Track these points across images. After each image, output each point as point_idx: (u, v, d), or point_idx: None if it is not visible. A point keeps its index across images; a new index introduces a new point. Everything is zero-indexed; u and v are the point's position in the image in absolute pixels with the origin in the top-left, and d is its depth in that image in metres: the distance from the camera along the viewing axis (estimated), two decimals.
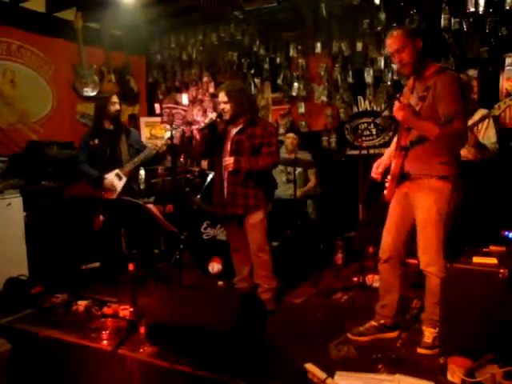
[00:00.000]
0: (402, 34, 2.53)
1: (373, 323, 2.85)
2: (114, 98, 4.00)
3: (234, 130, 3.34)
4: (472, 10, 4.16)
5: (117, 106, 4.00)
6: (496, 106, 3.41)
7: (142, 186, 4.77)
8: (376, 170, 2.90)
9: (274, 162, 3.33)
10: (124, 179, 3.96)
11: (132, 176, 4.07)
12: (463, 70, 3.99)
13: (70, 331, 2.86)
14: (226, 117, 3.31)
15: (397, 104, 2.47)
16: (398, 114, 2.47)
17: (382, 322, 2.82)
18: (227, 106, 3.26)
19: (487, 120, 3.50)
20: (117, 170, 3.96)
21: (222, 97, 3.28)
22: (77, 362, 2.69)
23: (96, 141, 3.98)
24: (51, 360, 2.78)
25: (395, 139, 2.97)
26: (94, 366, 2.61)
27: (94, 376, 2.56)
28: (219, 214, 3.54)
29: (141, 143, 4.24)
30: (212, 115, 3.38)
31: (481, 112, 3.48)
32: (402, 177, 2.64)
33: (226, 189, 3.34)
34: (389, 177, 2.73)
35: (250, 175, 3.27)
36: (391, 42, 2.56)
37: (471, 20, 4.21)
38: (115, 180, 3.95)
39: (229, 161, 3.23)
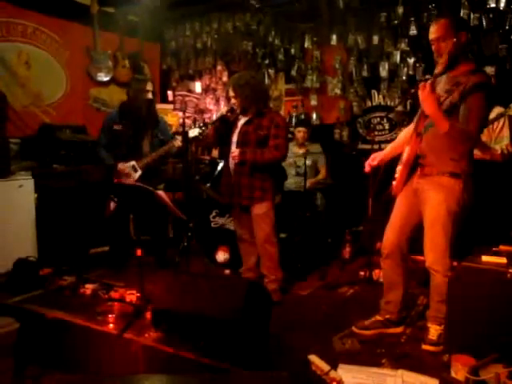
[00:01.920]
0: (447, 24, 2.43)
1: (378, 318, 2.85)
2: (149, 86, 3.86)
3: (242, 121, 3.36)
4: (493, 5, 4.09)
5: (149, 95, 3.86)
6: None
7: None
8: (371, 162, 2.87)
9: (281, 156, 3.31)
10: (139, 172, 3.81)
11: (149, 170, 3.86)
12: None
13: (76, 313, 2.88)
14: (238, 111, 3.36)
15: (426, 87, 2.34)
16: (426, 99, 2.35)
17: (387, 316, 2.83)
18: (236, 101, 3.32)
19: (502, 119, 3.45)
20: (133, 162, 3.82)
21: (231, 92, 3.35)
22: (82, 344, 2.71)
23: (120, 126, 3.86)
24: (57, 341, 2.81)
25: (401, 133, 2.96)
26: (99, 348, 2.62)
27: (99, 358, 2.58)
28: (225, 204, 3.56)
29: (168, 134, 4.04)
30: (223, 110, 3.51)
31: (497, 110, 3.43)
32: (415, 165, 2.61)
33: (233, 179, 3.36)
34: (399, 168, 2.70)
35: (257, 167, 3.27)
36: (434, 29, 2.46)
37: (491, 16, 4.14)
38: (131, 171, 3.81)
39: (235, 152, 3.27)
